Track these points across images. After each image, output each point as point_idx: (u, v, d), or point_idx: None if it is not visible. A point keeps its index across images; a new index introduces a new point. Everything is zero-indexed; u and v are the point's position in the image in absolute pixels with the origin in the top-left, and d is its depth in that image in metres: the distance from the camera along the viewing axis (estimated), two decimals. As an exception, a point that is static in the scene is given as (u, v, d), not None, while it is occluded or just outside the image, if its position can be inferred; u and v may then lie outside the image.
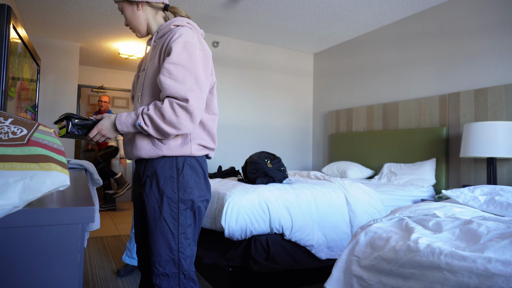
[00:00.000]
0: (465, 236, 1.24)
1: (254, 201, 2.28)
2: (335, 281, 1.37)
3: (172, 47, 1.20)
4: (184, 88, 1.17)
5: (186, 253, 1.26)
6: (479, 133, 2.52)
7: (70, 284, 0.73)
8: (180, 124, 1.17)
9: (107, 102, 5.25)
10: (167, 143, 1.25)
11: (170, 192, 1.24)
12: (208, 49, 1.30)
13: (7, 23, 1.31)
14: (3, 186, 0.68)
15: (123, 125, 1.22)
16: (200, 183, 1.30)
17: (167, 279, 1.24)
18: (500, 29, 2.87)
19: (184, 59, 1.19)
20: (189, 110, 1.17)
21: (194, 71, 1.20)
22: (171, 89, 1.16)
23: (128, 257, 2.58)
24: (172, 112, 1.16)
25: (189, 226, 1.27)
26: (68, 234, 0.73)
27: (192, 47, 1.22)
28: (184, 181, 1.25)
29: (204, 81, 1.23)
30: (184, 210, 1.25)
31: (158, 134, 1.20)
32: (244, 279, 2.25)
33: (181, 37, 1.22)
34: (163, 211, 1.23)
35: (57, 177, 0.76)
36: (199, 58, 1.23)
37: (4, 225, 0.69)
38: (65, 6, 3.62)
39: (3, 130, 0.80)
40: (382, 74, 3.95)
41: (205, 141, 1.32)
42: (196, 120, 1.20)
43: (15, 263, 0.69)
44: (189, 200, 1.25)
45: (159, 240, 1.24)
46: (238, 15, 3.81)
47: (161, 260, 1.23)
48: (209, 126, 1.34)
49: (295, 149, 4.97)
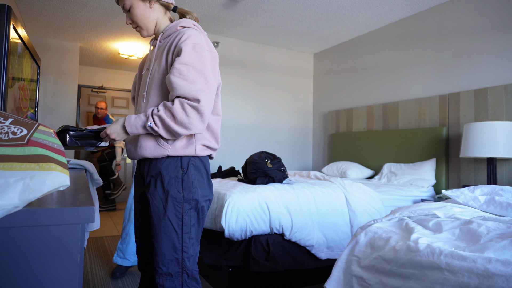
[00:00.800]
0: (465, 236, 1.24)
1: (254, 201, 2.28)
2: (335, 281, 1.37)
3: (182, 48, 1.21)
4: (195, 88, 1.18)
5: (189, 252, 1.26)
6: (479, 133, 2.52)
7: (70, 284, 0.73)
8: (191, 124, 1.18)
9: (103, 109, 5.20)
10: (172, 143, 1.25)
11: (175, 192, 1.24)
12: (215, 51, 1.31)
13: (7, 23, 1.31)
14: (3, 186, 0.68)
15: (133, 127, 1.22)
16: (204, 183, 1.31)
17: (171, 279, 1.24)
18: (500, 29, 2.87)
19: (194, 60, 1.20)
20: (200, 110, 1.18)
21: (204, 71, 1.21)
22: (182, 89, 1.17)
23: (120, 258, 2.54)
24: (183, 113, 1.16)
25: (193, 225, 1.28)
26: (68, 234, 0.73)
27: (201, 49, 1.23)
28: (188, 181, 1.26)
29: (213, 82, 1.24)
30: (188, 210, 1.26)
31: (169, 134, 1.21)
32: (244, 279, 2.25)
33: (190, 38, 1.23)
34: (168, 210, 1.24)
35: (57, 177, 0.76)
36: (208, 60, 1.25)
37: (4, 225, 0.68)
38: (65, 6, 3.62)
39: (3, 130, 0.80)
40: (382, 74, 3.95)
41: (209, 141, 1.33)
42: (206, 120, 1.21)
43: (15, 263, 0.69)
44: (193, 200, 1.26)
45: (163, 240, 1.24)
46: (238, 15, 3.81)
47: (165, 260, 1.24)
48: (213, 126, 1.34)
49: (295, 149, 4.97)
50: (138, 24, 1.36)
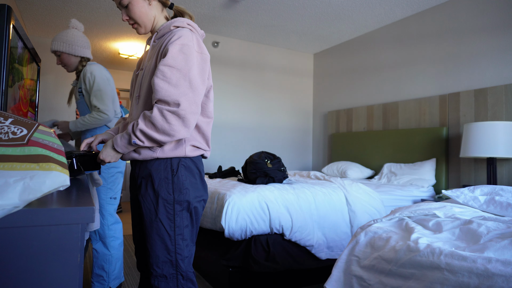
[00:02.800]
0: (465, 236, 1.24)
1: (254, 201, 2.28)
2: (335, 281, 1.37)
3: (168, 49, 1.19)
4: (177, 92, 1.16)
5: (183, 254, 1.26)
6: (479, 133, 2.52)
7: (70, 284, 0.73)
8: (173, 131, 1.16)
9: None
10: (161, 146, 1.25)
11: (165, 194, 1.23)
12: (206, 52, 1.28)
13: (7, 23, 1.31)
14: (3, 186, 0.68)
15: (122, 147, 1.22)
16: (196, 184, 1.30)
17: (165, 280, 1.24)
18: (500, 29, 2.87)
19: (180, 62, 1.18)
20: (180, 115, 1.15)
21: (189, 74, 1.19)
22: (164, 92, 1.15)
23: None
24: (163, 120, 1.15)
25: (186, 227, 1.27)
26: (68, 234, 0.73)
27: (189, 50, 1.21)
28: (179, 182, 1.25)
29: (199, 85, 1.21)
30: (180, 211, 1.25)
31: (155, 144, 1.21)
32: (244, 279, 2.25)
33: (179, 39, 1.21)
34: (159, 212, 1.23)
35: (57, 177, 0.76)
36: (196, 61, 1.22)
37: (4, 225, 0.68)
38: (65, 6, 3.62)
39: (3, 130, 0.80)
40: (382, 74, 3.95)
41: (199, 143, 1.31)
42: (189, 125, 1.18)
43: (15, 263, 0.69)
44: (184, 201, 1.25)
45: (156, 242, 1.24)
46: (238, 15, 3.81)
47: (159, 262, 1.23)
48: (203, 129, 1.33)
49: (295, 149, 4.97)
50: (137, 21, 1.33)
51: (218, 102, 4.44)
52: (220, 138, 4.43)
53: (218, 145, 4.41)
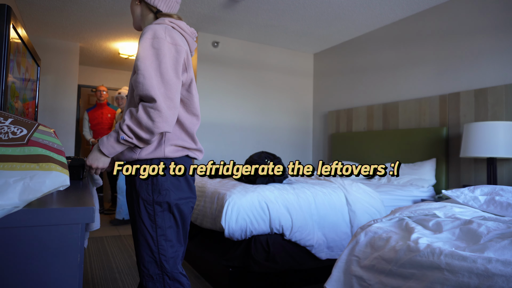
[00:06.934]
0: (465, 236, 1.24)
1: (254, 201, 2.28)
2: (335, 281, 1.37)
3: (139, 44, 1.21)
4: (150, 84, 1.15)
5: (167, 255, 1.26)
6: (479, 133, 2.52)
7: (70, 284, 0.73)
8: (156, 127, 1.16)
9: (106, 92, 5.14)
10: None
11: (145, 194, 1.24)
12: (181, 44, 1.25)
13: (7, 23, 1.31)
14: (3, 186, 0.68)
15: (108, 147, 1.20)
16: (180, 185, 1.28)
17: (152, 281, 1.25)
18: (500, 29, 2.87)
19: (150, 55, 1.18)
20: (160, 110, 1.15)
21: (160, 67, 1.18)
22: (140, 86, 1.16)
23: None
24: (147, 118, 1.15)
25: (169, 228, 1.27)
26: (68, 234, 0.73)
27: (159, 43, 1.19)
28: (158, 183, 1.24)
29: (172, 78, 1.20)
30: (161, 212, 1.25)
31: (142, 143, 1.20)
32: (244, 279, 2.25)
33: (148, 33, 1.21)
34: (141, 213, 1.25)
35: (57, 177, 0.76)
36: (168, 53, 1.21)
37: (4, 225, 0.68)
38: (65, 6, 3.62)
39: (3, 130, 0.80)
40: (382, 74, 3.95)
41: (183, 141, 1.30)
42: (168, 118, 1.17)
43: (15, 263, 0.69)
44: (164, 203, 1.25)
45: (141, 242, 1.26)
46: (238, 15, 3.81)
47: (144, 261, 1.26)
48: (187, 126, 1.31)
49: (295, 149, 4.97)
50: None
51: (218, 102, 4.44)
52: (220, 138, 4.43)
53: (218, 145, 4.42)
